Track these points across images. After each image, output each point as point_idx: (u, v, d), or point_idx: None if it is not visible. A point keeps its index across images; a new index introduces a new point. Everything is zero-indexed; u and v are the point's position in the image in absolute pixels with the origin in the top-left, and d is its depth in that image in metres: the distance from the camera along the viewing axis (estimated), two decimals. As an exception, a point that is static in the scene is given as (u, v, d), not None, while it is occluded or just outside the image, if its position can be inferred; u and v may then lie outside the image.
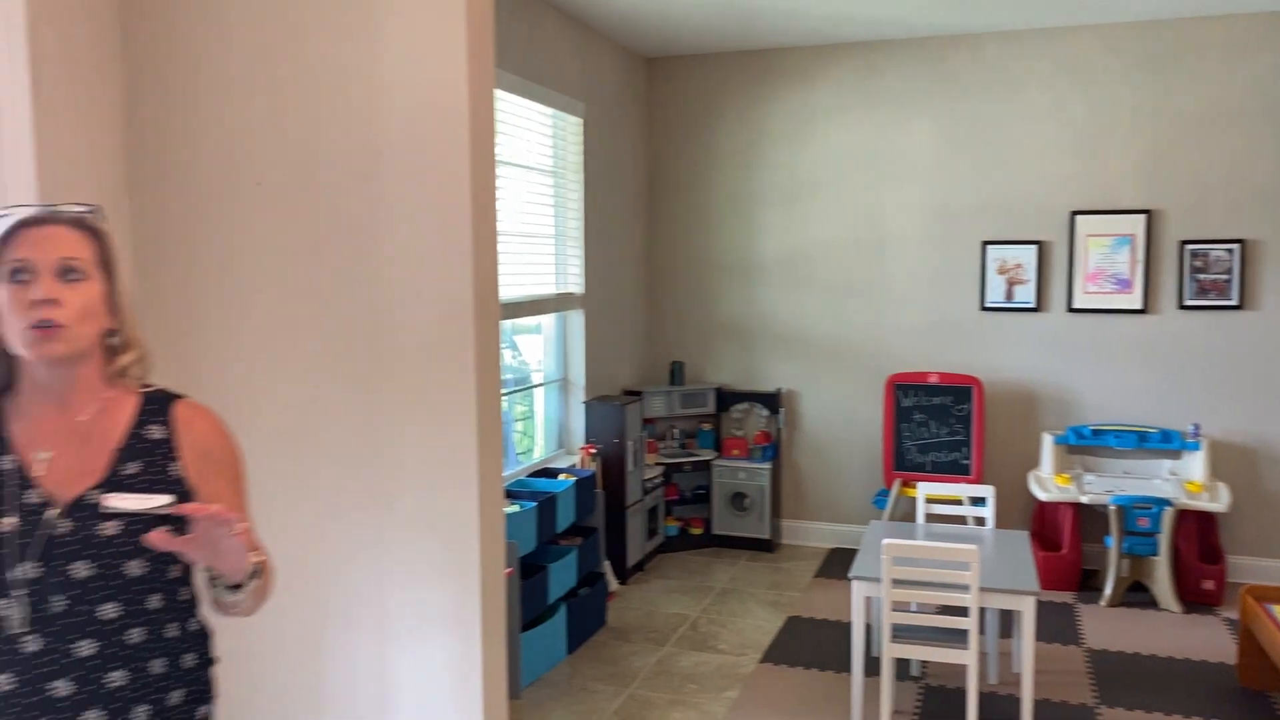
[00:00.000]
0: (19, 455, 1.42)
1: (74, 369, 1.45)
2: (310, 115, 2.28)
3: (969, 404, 5.45)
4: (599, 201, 5.59)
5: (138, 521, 1.41)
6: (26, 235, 1.40)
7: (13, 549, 1.37)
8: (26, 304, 1.38)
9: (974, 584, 3.24)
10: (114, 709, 1.41)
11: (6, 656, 1.37)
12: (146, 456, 1.47)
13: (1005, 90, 5.51)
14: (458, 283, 2.23)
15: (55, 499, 1.41)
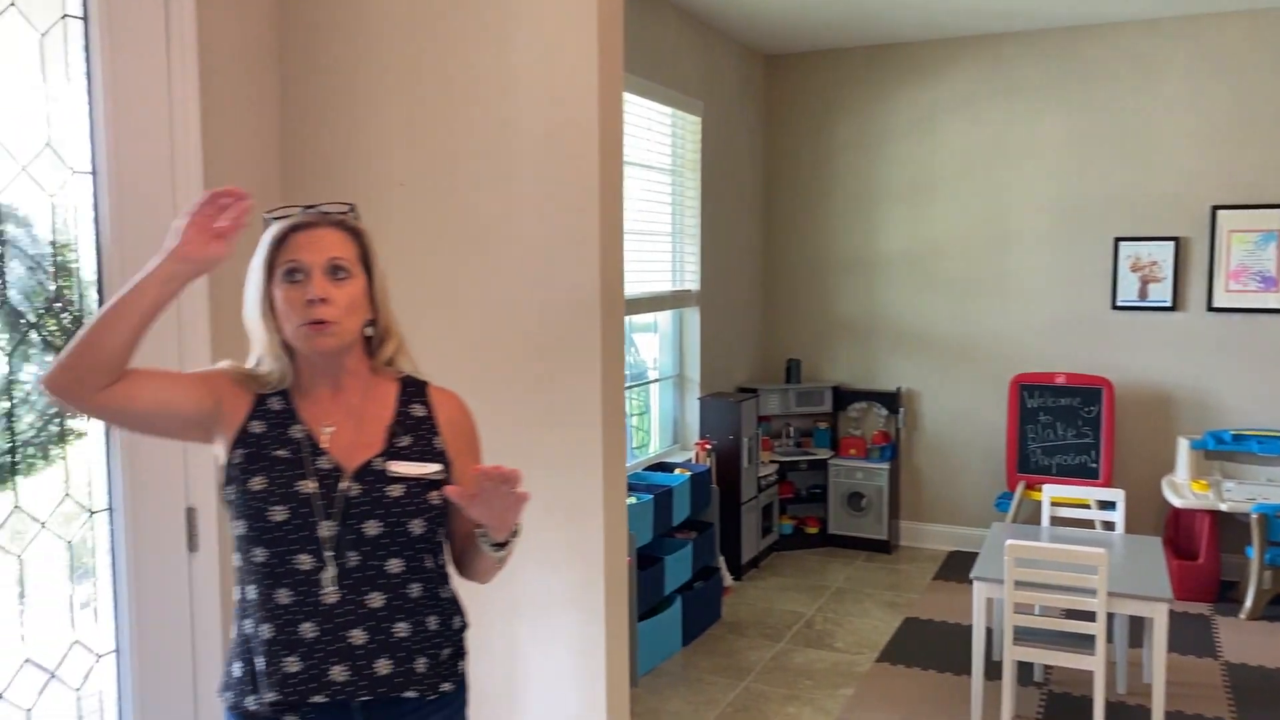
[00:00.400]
0: (307, 426, 1.56)
1: (342, 357, 1.57)
2: (449, 120, 2.40)
3: (1098, 405, 5.28)
4: (716, 199, 5.62)
5: (416, 485, 1.54)
6: (297, 239, 1.53)
7: (316, 509, 1.50)
8: (301, 303, 1.50)
9: (1101, 588, 3.16)
10: (399, 658, 1.52)
11: (310, 606, 1.49)
12: (414, 431, 1.60)
13: (1142, 80, 5.31)
14: (586, 278, 2.31)
15: (343, 465, 1.54)
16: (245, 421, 1.55)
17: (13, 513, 2.03)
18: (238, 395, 1.57)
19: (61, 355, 1.44)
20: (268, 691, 1.50)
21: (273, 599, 1.50)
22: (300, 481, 1.51)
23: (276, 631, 1.50)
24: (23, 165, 2.02)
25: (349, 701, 1.51)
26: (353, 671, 1.49)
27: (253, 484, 1.50)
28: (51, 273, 2.09)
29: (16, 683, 2.05)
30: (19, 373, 2.04)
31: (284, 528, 1.49)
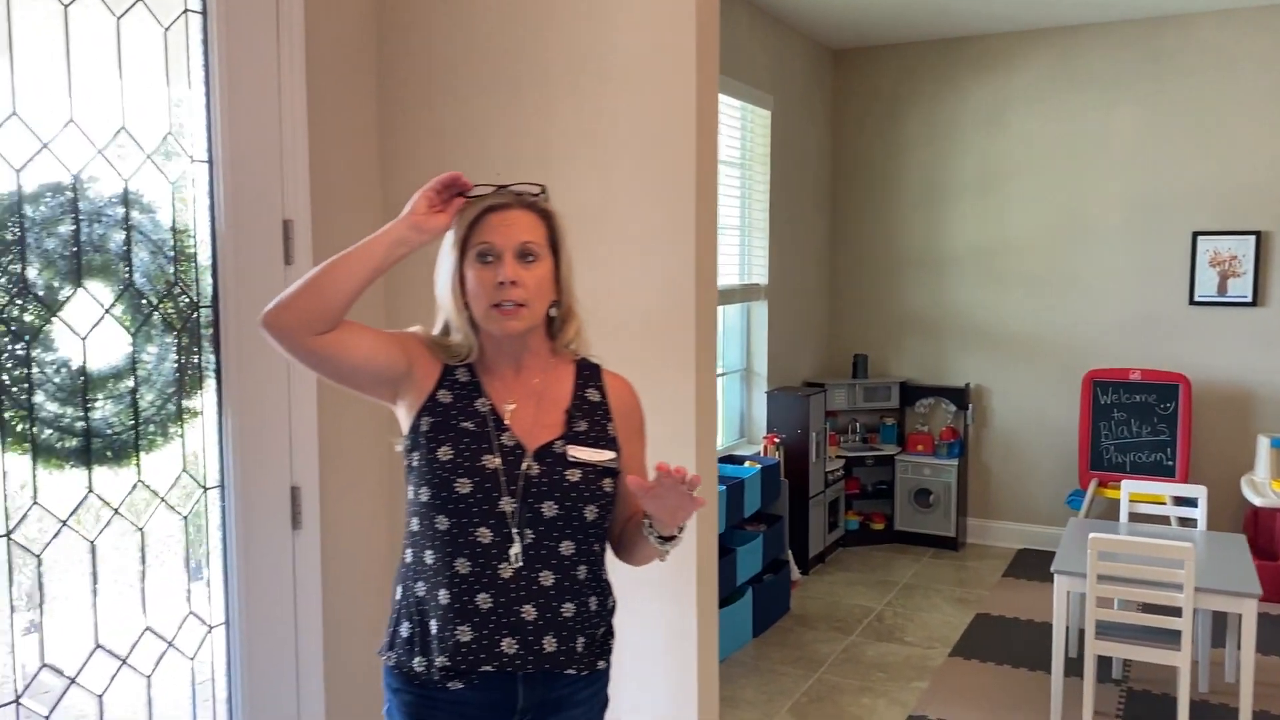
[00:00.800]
0: (492, 400, 1.59)
1: (526, 337, 1.60)
2: (546, 110, 2.45)
3: (1174, 402, 5.19)
4: (784, 193, 5.63)
5: (592, 471, 1.57)
6: (490, 220, 1.55)
7: (499, 484, 1.53)
8: (492, 285, 1.52)
9: (1189, 582, 3.12)
10: (563, 636, 1.55)
11: (487, 579, 1.52)
12: (590, 416, 1.63)
13: (1220, 72, 5.21)
14: (681, 270, 2.34)
15: (524, 443, 1.56)
16: (434, 389, 1.59)
17: (135, 487, 2.12)
18: (428, 361, 1.61)
19: (285, 296, 1.50)
20: (439, 656, 1.52)
21: (452, 567, 1.53)
22: (486, 456, 1.53)
23: (453, 599, 1.52)
24: (148, 154, 2.10)
25: (515, 673, 1.54)
26: (521, 646, 1.52)
27: (440, 453, 1.53)
28: (172, 257, 2.18)
29: (138, 650, 2.14)
30: (142, 353, 2.13)
31: (468, 500, 1.52)
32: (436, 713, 1.55)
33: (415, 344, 1.62)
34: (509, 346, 1.60)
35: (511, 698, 1.55)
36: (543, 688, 1.56)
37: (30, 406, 1.92)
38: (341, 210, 2.53)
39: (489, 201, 1.57)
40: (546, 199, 1.64)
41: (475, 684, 1.53)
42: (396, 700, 1.59)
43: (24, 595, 1.93)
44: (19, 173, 1.86)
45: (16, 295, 1.89)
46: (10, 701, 1.90)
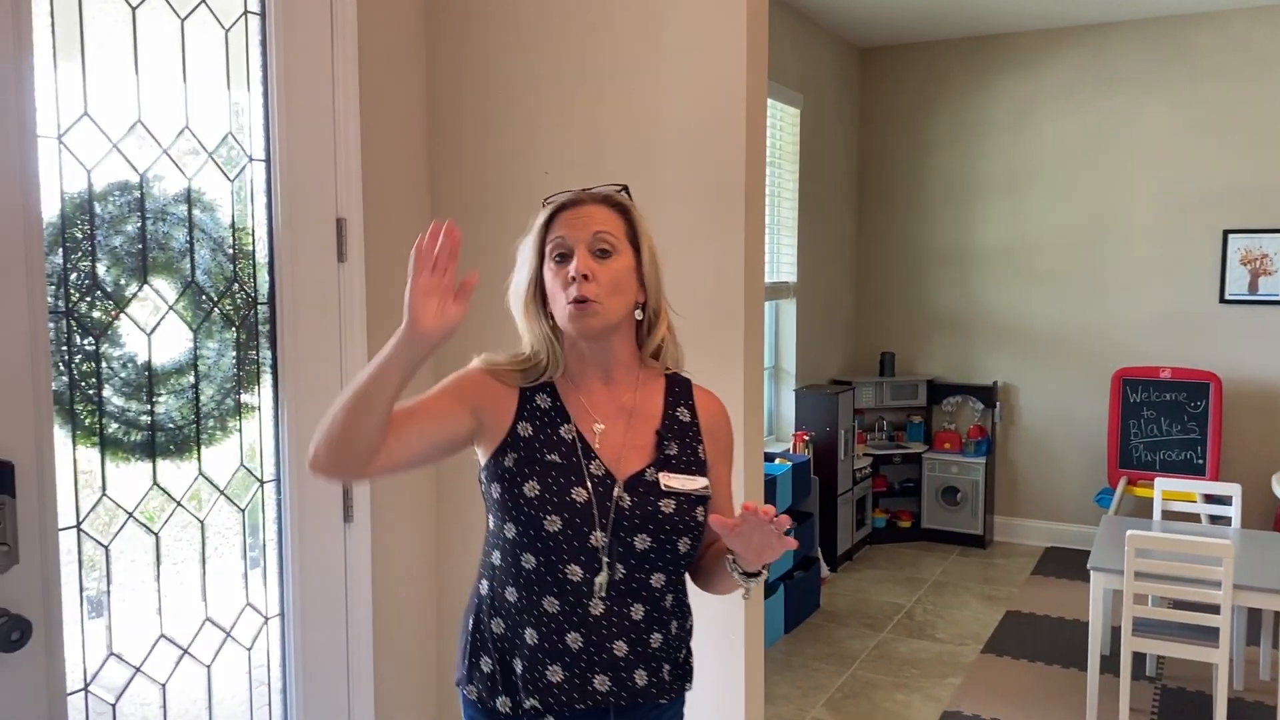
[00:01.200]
0: (577, 426, 1.50)
1: (612, 344, 1.51)
2: (595, 109, 2.47)
3: (1205, 401, 5.18)
4: (812, 192, 5.64)
5: (685, 500, 1.48)
6: (563, 217, 1.49)
7: (588, 519, 1.44)
8: (566, 280, 1.45)
9: (1227, 580, 3.12)
10: (652, 668, 1.50)
11: (577, 617, 1.45)
12: (680, 438, 1.54)
13: (1252, 69, 5.20)
14: (730, 269, 2.36)
15: (613, 471, 1.48)
16: (513, 424, 1.50)
17: (196, 479, 2.16)
18: (499, 397, 1.52)
19: (319, 441, 1.39)
20: (528, 698, 1.47)
21: (540, 606, 1.46)
22: (575, 489, 1.45)
23: (541, 639, 1.46)
24: (209, 153, 2.14)
25: (609, 709, 1.49)
26: (614, 682, 1.47)
27: (526, 489, 1.45)
28: (231, 255, 2.22)
29: (198, 640, 2.18)
30: (203, 348, 2.17)
31: (558, 537, 1.44)
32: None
33: (478, 388, 1.52)
34: (594, 354, 1.52)
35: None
36: (632, 715, 1.51)
37: (99, 401, 1.97)
38: (392, 209, 2.57)
39: (561, 200, 1.52)
40: (626, 195, 1.56)
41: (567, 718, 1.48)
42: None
43: (93, 585, 1.98)
44: (90, 172, 1.90)
45: (86, 292, 1.93)
46: (79, 689, 1.94)
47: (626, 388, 1.55)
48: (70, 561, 1.91)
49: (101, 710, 2.01)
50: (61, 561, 1.85)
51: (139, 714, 2.08)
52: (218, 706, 2.24)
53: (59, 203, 1.86)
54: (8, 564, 1.69)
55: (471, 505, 2.69)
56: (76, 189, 1.89)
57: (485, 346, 2.67)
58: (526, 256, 1.53)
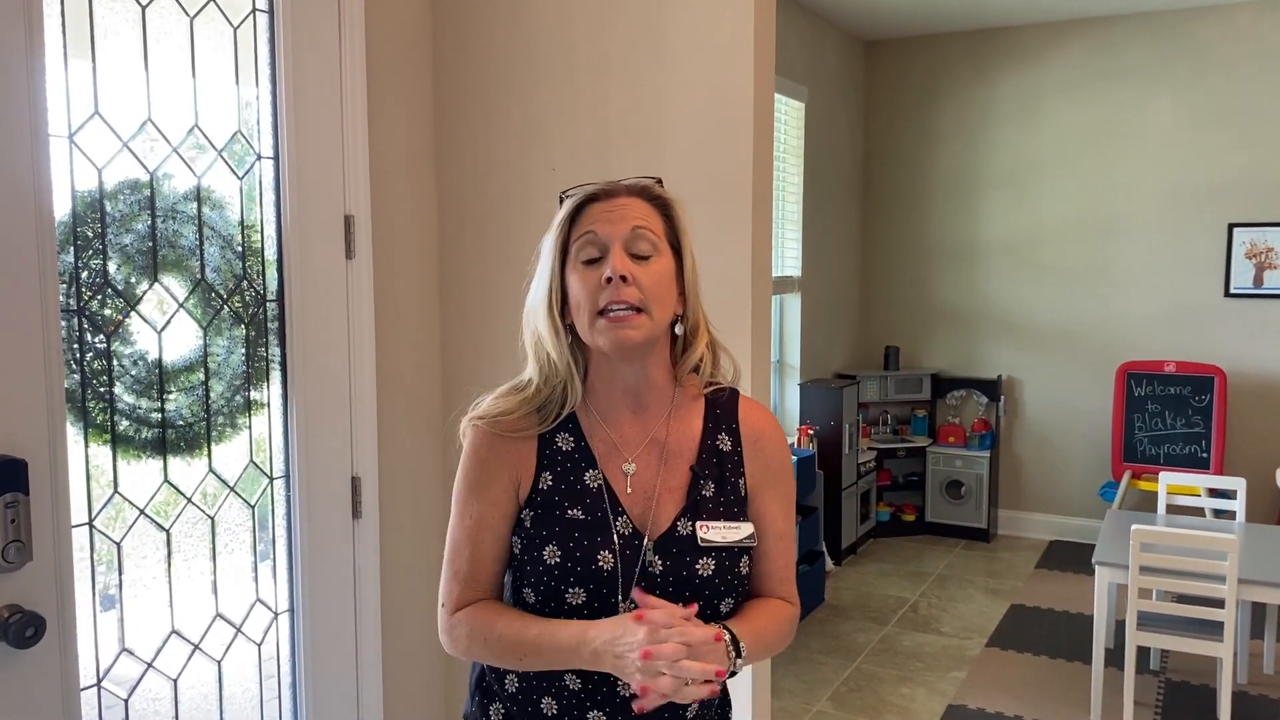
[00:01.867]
0: (603, 470, 1.29)
1: (647, 363, 1.29)
2: (602, 105, 2.48)
3: (1209, 395, 5.18)
4: (817, 185, 5.64)
5: (728, 555, 1.27)
6: (593, 210, 1.28)
7: (615, 588, 1.24)
8: (598, 285, 1.23)
9: (1232, 574, 3.13)
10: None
11: (603, 695, 1.27)
12: (718, 473, 1.31)
13: (1259, 63, 5.19)
14: (737, 262, 2.37)
15: (643, 527, 1.27)
16: (535, 477, 1.29)
17: (206, 476, 2.18)
18: (516, 453, 1.31)
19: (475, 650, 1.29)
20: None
21: (561, 679, 1.27)
22: (601, 554, 1.25)
23: (559, 712, 1.28)
24: (218, 151, 2.15)
25: None
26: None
27: (546, 555, 1.25)
28: (240, 252, 2.23)
29: (209, 636, 2.20)
30: (212, 346, 2.18)
31: (582, 611, 1.25)
32: None
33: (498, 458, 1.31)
34: (626, 378, 1.30)
35: None
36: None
37: (110, 398, 1.98)
38: (399, 206, 2.57)
39: (590, 190, 1.30)
40: (664, 189, 1.35)
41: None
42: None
43: (105, 581, 1.99)
44: (100, 171, 1.91)
45: (97, 290, 1.94)
46: (92, 685, 1.96)
47: (659, 415, 1.32)
48: (83, 558, 1.92)
49: (114, 705, 2.03)
50: (74, 558, 1.86)
51: (151, 709, 2.10)
52: (228, 701, 2.25)
53: (70, 201, 1.87)
54: (22, 560, 1.71)
55: (479, 501, 2.70)
56: (87, 187, 1.90)
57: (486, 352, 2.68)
58: (546, 258, 1.31)
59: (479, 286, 2.67)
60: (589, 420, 1.32)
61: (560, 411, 1.31)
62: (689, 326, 1.32)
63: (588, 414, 1.33)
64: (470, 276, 2.68)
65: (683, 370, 1.34)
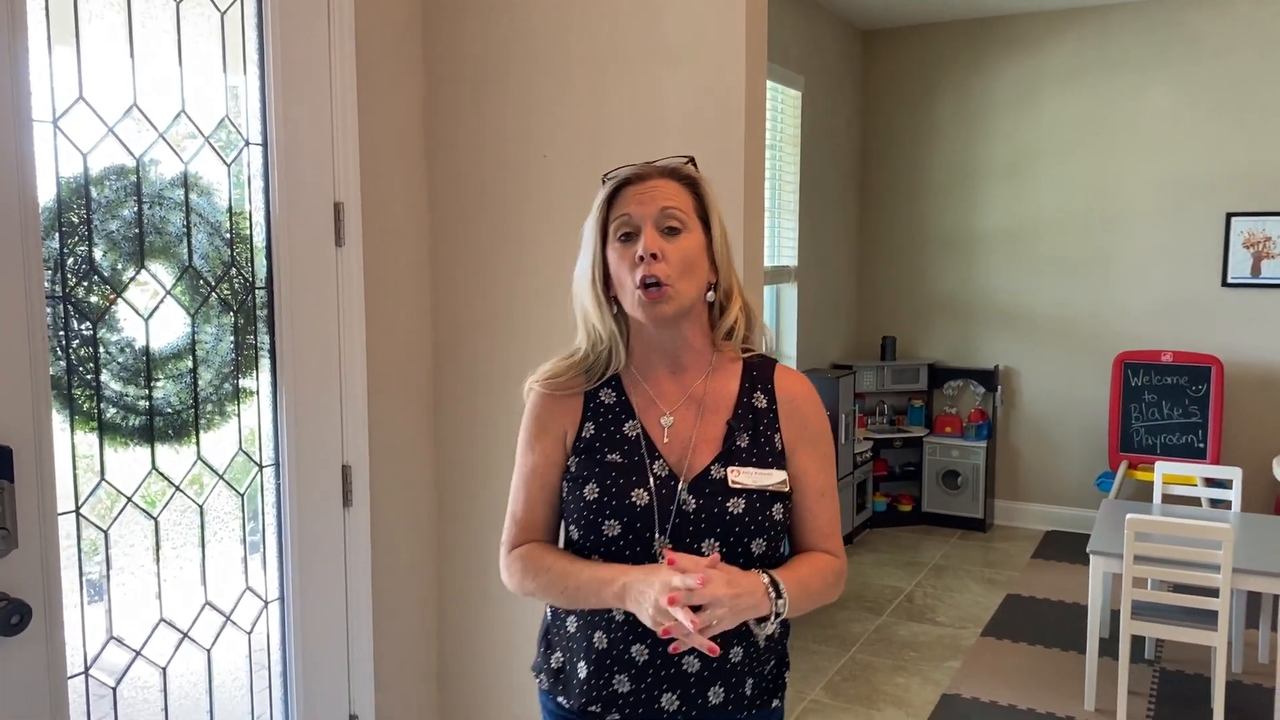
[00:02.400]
0: (642, 421, 1.42)
1: (682, 329, 1.41)
2: (594, 93, 2.46)
3: (1207, 384, 5.18)
4: (813, 175, 5.62)
5: (759, 498, 1.37)
6: (627, 193, 1.40)
7: (650, 522, 1.36)
8: (633, 261, 1.36)
9: (1226, 563, 3.13)
10: (732, 683, 1.40)
11: (643, 628, 1.35)
12: (753, 428, 1.42)
13: (1257, 50, 5.16)
14: (728, 246, 2.36)
15: (678, 470, 1.39)
16: (580, 428, 1.44)
17: (195, 464, 2.17)
18: (567, 410, 1.46)
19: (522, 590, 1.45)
20: (593, 704, 1.42)
21: (610, 613, 1.40)
22: (635, 491, 1.37)
23: (609, 645, 1.40)
24: (205, 137, 2.13)
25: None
26: (683, 701, 1.39)
27: (586, 493, 1.39)
28: (228, 239, 2.21)
29: (198, 624, 2.19)
30: (200, 333, 2.17)
31: (619, 543, 1.37)
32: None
33: (549, 415, 1.47)
34: (662, 341, 1.43)
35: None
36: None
37: (97, 385, 1.97)
38: (390, 193, 2.56)
39: (623, 174, 1.43)
40: (692, 168, 1.47)
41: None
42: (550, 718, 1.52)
43: (92, 570, 1.98)
44: (86, 156, 1.90)
45: (83, 277, 1.93)
46: (79, 673, 1.95)
47: (697, 375, 1.45)
48: (69, 546, 1.91)
49: (102, 693, 2.02)
50: (61, 546, 1.86)
51: (140, 697, 2.10)
52: (218, 690, 2.25)
53: (55, 187, 1.85)
54: (7, 548, 1.70)
55: (471, 491, 2.69)
56: (73, 173, 1.88)
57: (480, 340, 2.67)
58: (589, 238, 1.44)
59: (471, 274, 2.66)
60: (630, 379, 1.46)
61: (605, 372, 1.46)
62: (722, 293, 1.44)
63: (630, 374, 1.47)
64: (462, 264, 2.67)
65: (719, 334, 1.46)
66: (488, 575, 2.69)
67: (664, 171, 1.43)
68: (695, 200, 1.42)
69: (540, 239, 2.56)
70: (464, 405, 2.68)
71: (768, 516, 1.38)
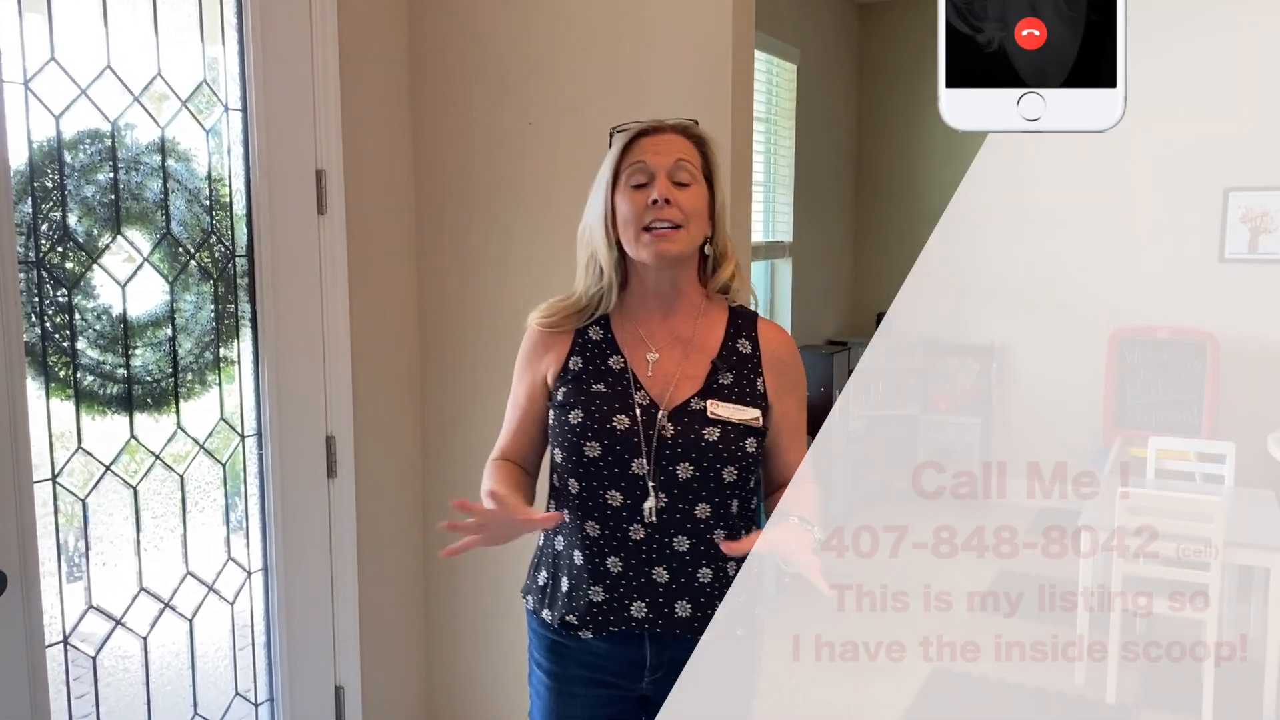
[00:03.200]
0: (627, 357, 1.54)
1: (678, 276, 1.53)
2: (579, 60, 2.42)
3: (1202, 360, 5.15)
4: (809, 149, 5.58)
5: (733, 430, 1.49)
6: (643, 143, 1.50)
7: (629, 446, 1.47)
8: (644, 206, 1.46)
9: (1218, 537, 3.11)
10: (699, 603, 1.51)
11: (617, 541, 1.49)
12: (737, 369, 1.53)
13: (1255, 23, 5.11)
14: (714, 213, 2.33)
15: (660, 401, 1.50)
16: (566, 359, 1.56)
17: (175, 434, 2.15)
18: (554, 344, 1.57)
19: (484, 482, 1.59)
20: (569, 614, 1.54)
21: (583, 529, 1.51)
22: (617, 416, 1.49)
23: (585, 560, 1.52)
24: (183, 101, 2.10)
25: (644, 635, 1.53)
26: (651, 609, 1.50)
27: (571, 417, 1.50)
28: (208, 206, 2.18)
29: (180, 594, 2.18)
30: (180, 301, 2.14)
31: (598, 463, 1.49)
32: (568, 660, 1.57)
33: (538, 350, 1.59)
34: (658, 285, 1.54)
35: (641, 654, 1.54)
36: (673, 648, 1.53)
37: (73, 353, 1.94)
38: (373, 160, 2.52)
39: (641, 126, 1.53)
40: (702, 129, 1.57)
41: (605, 637, 1.54)
42: (535, 638, 1.62)
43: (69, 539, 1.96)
44: (58, 119, 1.86)
45: (57, 242, 1.90)
46: (58, 641, 1.94)
47: (686, 319, 1.56)
48: (46, 515, 1.89)
49: (82, 663, 2.01)
50: (38, 515, 1.84)
51: (120, 667, 2.09)
52: (200, 660, 2.24)
53: (26, 150, 1.82)
54: (-21, 515, 1.68)
55: (457, 462, 2.67)
56: (45, 136, 1.85)
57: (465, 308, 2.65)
58: (601, 183, 1.54)
59: (457, 241, 2.63)
60: (620, 320, 1.57)
61: (595, 312, 1.57)
62: (718, 250, 1.56)
63: (620, 315, 1.57)
64: (447, 232, 2.64)
65: (713, 286, 1.58)
66: (474, 547, 2.68)
67: (678, 128, 1.54)
68: (702, 159, 1.53)
69: (525, 207, 2.53)
70: (449, 376, 2.66)
71: (741, 447, 1.49)
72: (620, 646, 1.54)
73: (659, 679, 1.55)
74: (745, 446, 1.50)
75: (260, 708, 2.39)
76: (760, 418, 1.52)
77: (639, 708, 1.60)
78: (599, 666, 1.56)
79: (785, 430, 1.58)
